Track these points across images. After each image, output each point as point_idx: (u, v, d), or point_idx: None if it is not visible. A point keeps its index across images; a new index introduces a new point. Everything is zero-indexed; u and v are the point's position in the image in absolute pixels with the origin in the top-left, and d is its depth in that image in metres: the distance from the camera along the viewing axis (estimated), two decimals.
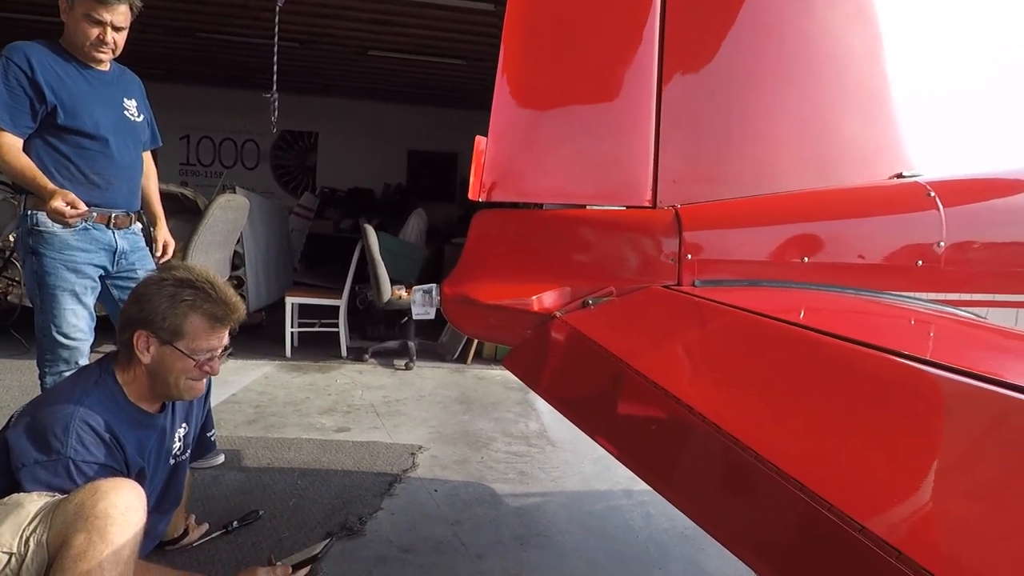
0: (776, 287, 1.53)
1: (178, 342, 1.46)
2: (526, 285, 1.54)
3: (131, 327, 1.45)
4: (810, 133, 1.71)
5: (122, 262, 2.42)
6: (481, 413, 3.80)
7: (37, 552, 1.15)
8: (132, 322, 1.45)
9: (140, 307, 1.45)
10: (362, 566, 2.09)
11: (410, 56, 6.62)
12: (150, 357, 1.45)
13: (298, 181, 9.74)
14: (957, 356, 1.07)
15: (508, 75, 1.54)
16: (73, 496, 1.19)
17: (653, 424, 1.03)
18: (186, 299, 1.46)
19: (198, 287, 1.49)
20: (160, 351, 1.45)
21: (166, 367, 1.47)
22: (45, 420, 1.33)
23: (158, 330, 1.44)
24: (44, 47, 2.25)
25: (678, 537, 2.41)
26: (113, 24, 2.23)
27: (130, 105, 2.46)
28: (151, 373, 1.47)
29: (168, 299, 1.45)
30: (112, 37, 2.25)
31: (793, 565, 0.67)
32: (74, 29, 2.23)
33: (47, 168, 2.22)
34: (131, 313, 1.46)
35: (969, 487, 0.65)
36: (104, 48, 2.27)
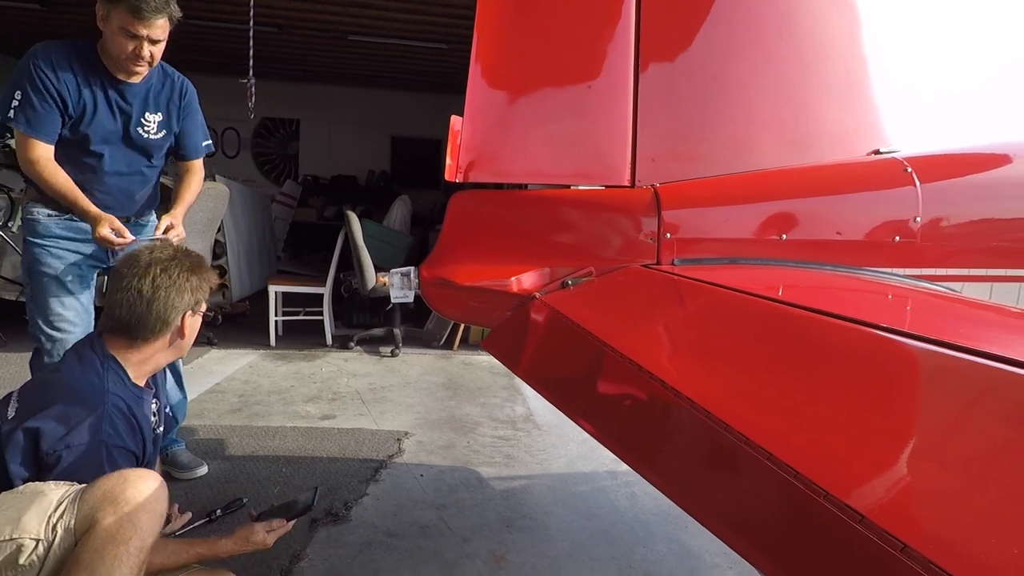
0: (755, 265, 1.54)
1: (202, 307, 1.64)
2: (505, 266, 1.54)
3: (179, 313, 1.56)
4: (788, 111, 1.71)
5: (115, 257, 2.32)
6: (467, 398, 3.80)
7: (65, 538, 1.16)
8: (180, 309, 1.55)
9: (181, 293, 1.56)
10: (348, 551, 2.09)
11: (391, 40, 6.53)
12: (189, 330, 1.60)
13: (280, 169, 9.63)
14: (933, 329, 1.08)
15: (484, 53, 1.53)
16: (100, 483, 1.21)
17: (633, 404, 1.03)
18: (201, 267, 1.63)
19: (198, 258, 1.65)
20: (193, 322, 1.61)
21: (192, 331, 1.62)
22: (74, 406, 1.35)
23: (196, 304, 1.59)
24: (72, 51, 2.16)
25: (662, 516, 2.43)
26: (150, 37, 2.11)
27: (150, 119, 2.33)
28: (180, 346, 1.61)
29: (197, 274, 1.60)
30: (149, 51, 2.14)
31: (772, 543, 0.66)
32: (110, 40, 2.12)
33: None
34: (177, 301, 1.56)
35: (942, 457, 0.66)
36: (140, 62, 2.16)
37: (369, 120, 9.46)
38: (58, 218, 2.25)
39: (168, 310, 1.54)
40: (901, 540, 0.47)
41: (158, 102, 2.35)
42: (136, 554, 1.15)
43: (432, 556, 2.10)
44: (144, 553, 1.17)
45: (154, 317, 1.52)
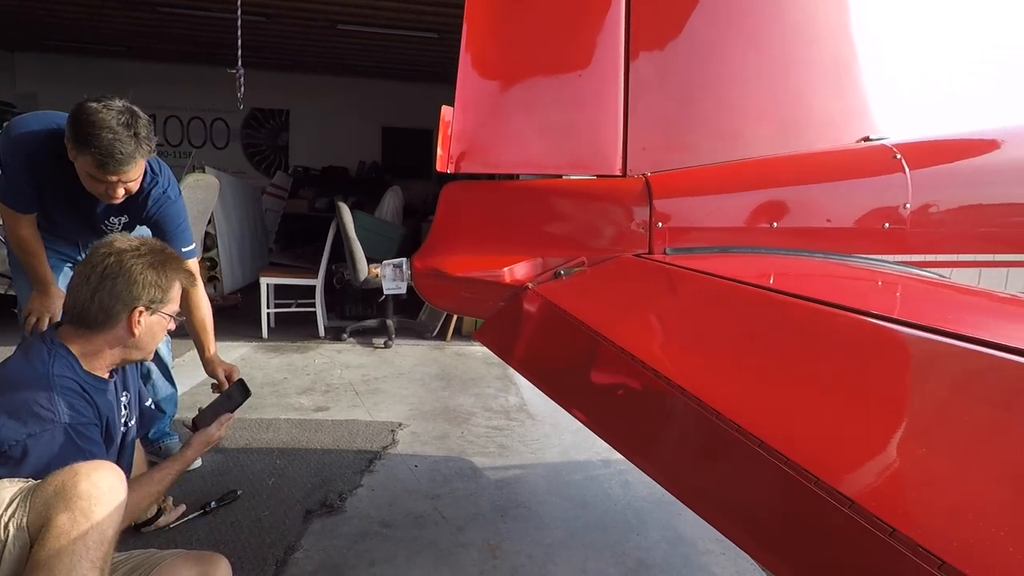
0: (746, 253, 1.54)
1: (164, 308, 1.51)
2: (497, 257, 1.53)
3: (127, 307, 1.44)
4: (778, 99, 1.71)
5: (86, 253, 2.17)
6: (461, 389, 3.81)
7: (18, 536, 1.13)
8: (127, 302, 1.44)
9: (136, 286, 1.44)
10: (343, 542, 2.10)
11: (380, 30, 6.48)
12: (140, 329, 1.47)
13: (270, 160, 9.56)
14: (923, 315, 1.08)
15: (474, 43, 1.52)
16: (51, 479, 1.17)
17: (625, 393, 1.04)
18: (169, 264, 1.51)
19: (176, 258, 1.56)
20: (150, 321, 1.49)
21: (151, 335, 1.51)
22: (21, 395, 1.30)
23: (152, 302, 1.47)
24: (49, 137, 1.92)
25: (655, 504, 2.45)
26: (122, 181, 1.85)
27: (115, 221, 2.16)
28: (133, 344, 1.49)
29: (157, 269, 1.48)
30: (122, 191, 1.88)
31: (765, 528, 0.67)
32: (81, 175, 1.87)
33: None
34: (123, 293, 1.43)
35: (931, 442, 0.66)
36: (114, 199, 1.91)
37: (360, 110, 9.39)
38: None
39: (111, 301, 1.42)
40: (890, 524, 0.47)
41: (127, 209, 2.12)
42: (96, 547, 1.12)
43: (427, 546, 2.11)
44: (105, 545, 1.14)
45: (96, 307, 1.42)
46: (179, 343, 4.46)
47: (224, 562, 1.42)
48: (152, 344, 1.53)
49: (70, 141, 1.80)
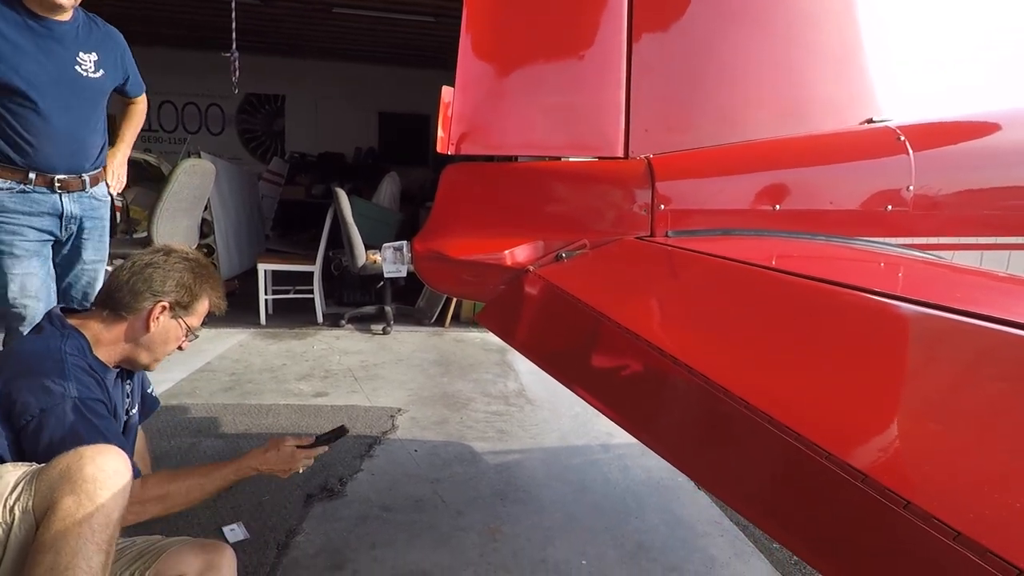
0: (748, 236, 1.54)
1: (186, 317, 1.51)
2: (498, 239, 1.52)
3: (153, 297, 1.46)
4: (782, 80, 1.70)
5: (68, 228, 2.30)
6: (460, 375, 3.81)
7: (24, 519, 1.13)
8: (155, 292, 1.46)
9: (170, 280, 1.48)
10: (344, 525, 2.11)
11: (377, 13, 6.41)
12: (157, 327, 1.47)
13: (266, 146, 9.49)
14: (925, 293, 1.08)
15: (474, 23, 1.50)
16: (56, 462, 1.16)
17: (632, 373, 1.03)
18: (208, 282, 1.53)
19: (214, 275, 1.57)
20: (167, 323, 1.49)
21: (166, 338, 1.50)
22: (35, 372, 1.32)
23: (178, 304, 1.48)
24: None
25: (653, 487, 2.46)
26: None
27: (86, 59, 2.25)
28: (145, 342, 1.48)
29: (195, 276, 1.50)
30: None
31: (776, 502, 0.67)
32: None
33: None
34: (153, 282, 1.47)
35: (939, 414, 0.66)
36: (64, 6, 2.11)
37: (356, 96, 9.32)
38: (10, 192, 2.17)
39: (143, 287, 1.45)
40: (904, 497, 0.47)
41: (89, 42, 2.26)
42: (101, 530, 1.12)
43: (427, 529, 2.12)
44: (111, 528, 1.13)
45: (127, 288, 1.45)
46: None
47: (229, 550, 1.43)
48: (161, 350, 1.52)
49: None
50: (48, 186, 2.23)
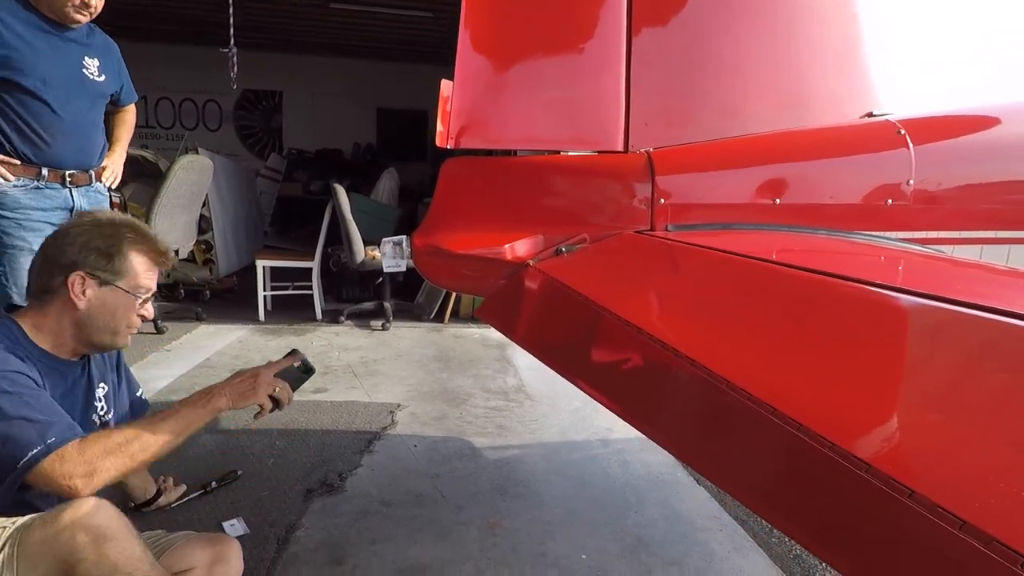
0: (748, 230, 1.53)
1: (120, 281, 1.37)
2: (498, 234, 1.52)
3: (64, 269, 1.32)
4: (781, 74, 1.69)
5: None
6: (459, 370, 3.81)
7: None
8: (63, 265, 1.33)
9: (75, 247, 1.34)
10: (344, 520, 2.11)
11: (374, 8, 6.39)
12: (86, 302, 1.34)
13: (264, 142, 9.46)
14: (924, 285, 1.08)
15: (473, 17, 1.49)
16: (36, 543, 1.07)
17: (634, 366, 1.03)
18: (127, 236, 1.38)
19: (135, 227, 1.42)
20: (100, 294, 1.35)
21: (107, 311, 1.36)
22: None
23: (97, 270, 1.34)
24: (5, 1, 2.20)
25: (653, 482, 2.47)
26: None
27: (91, 64, 2.40)
28: (83, 320, 1.35)
29: (108, 237, 1.36)
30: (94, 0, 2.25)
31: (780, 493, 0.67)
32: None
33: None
34: (59, 255, 1.34)
35: (940, 404, 0.66)
36: (85, 11, 2.26)
37: (354, 92, 9.29)
38: (24, 189, 2.25)
39: (49, 265, 1.33)
40: (908, 487, 0.47)
41: (92, 48, 2.42)
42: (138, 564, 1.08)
43: (427, 524, 2.12)
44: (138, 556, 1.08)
45: (38, 270, 1.34)
46: (177, 326, 4.45)
47: (235, 543, 1.42)
48: (114, 323, 1.38)
49: None
50: (60, 181, 2.33)
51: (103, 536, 1.06)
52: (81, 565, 1.03)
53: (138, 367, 3.65)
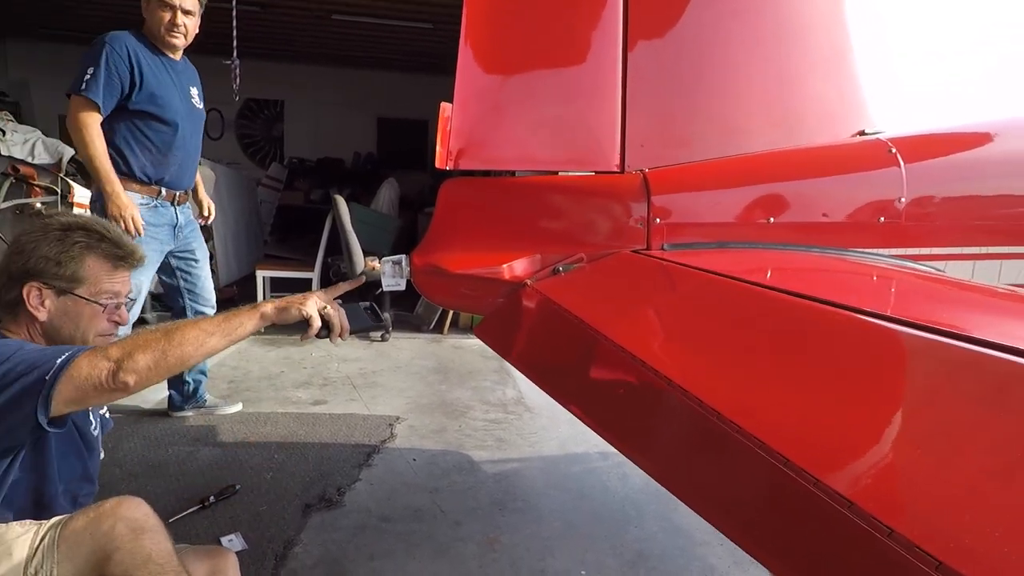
0: (743, 248, 1.55)
1: (78, 289, 1.29)
2: (496, 253, 1.54)
3: (17, 281, 1.26)
4: (776, 93, 1.71)
5: (180, 236, 2.76)
6: (458, 382, 3.82)
7: None
8: (17, 276, 1.27)
9: (24, 257, 1.27)
10: (342, 535, 2.11)
11: (375, 20, 6.43)
12: (46, 313, 1.27)
13: (265, 151, 9.50)
14: (920, 312, 1.09)
15: (472, 40, 1.51)
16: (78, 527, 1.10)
17: (623, 390, 1.05)
18: (79, 240, 1.30)
19: (90, 228, 1.33)
20: (59, 304, 1.28)
21: (71, 321, 1.30)
22: None
23: (51, 279, 1.27)
24: (135, 37, 2.55)
25: (653, 496, 2.47)
26: (182, 8, 2.53)
27: (194, 93, 2.75)
28: (49, 332, 1.29)
29: (57, 243, 1.28)
30: (182, 20, 2.55)
31: (764, 527, 0.68)
32: (151, 18, 2.55)
33: (131, 148, 2.54)
34: (11, 266, 1.28)
35: (928, 440, 0.67)
36: (176, 32, 2.56)
37: (355, 101, 9.33)
38: (147, 207, 2.58)
39: (3, 276, 1.27)
40: (888, 525, 0.48)
41: (193, 79, 2.77)
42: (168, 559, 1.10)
43: (426, 539, 2.12)
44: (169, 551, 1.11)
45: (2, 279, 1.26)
46: None
47: (232, 555, 1.42)
48: (80, 335, 1.30)
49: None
50: (171, 200, 2.69)
51: (141, 528, 1.10)
52: (117, 553, 1.07)
53: None
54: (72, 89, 2.45)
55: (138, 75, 2.49)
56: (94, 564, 1.08)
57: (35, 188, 4.12)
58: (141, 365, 1.10)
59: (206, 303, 2.99)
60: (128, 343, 1.13)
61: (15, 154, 4.22)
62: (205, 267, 2.96)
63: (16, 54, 8.61)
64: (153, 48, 2.59)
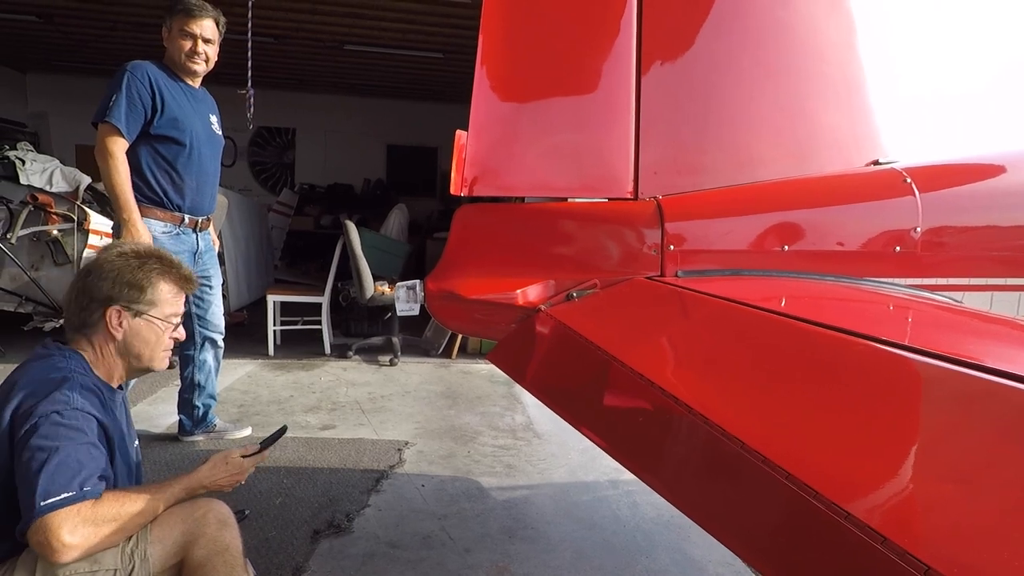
0: (757, 276, 1.55)
1: (152, 311, 1.44)
2: (510, 279, 1.54)
3: (101, 304, 1.40)
4: (788, 121, 1.73)
5: (199, 262, 2.78)
6: (467, 407, 3.80)
7: (142, 567, 1.25)
8: (100, 299, 1.40)
9: (106, 282, 1.41)
10: (350, 563, 2.09)
11: (386, 50, 6.56)
12: (123, 332, 1.42)
13: (276, 178, 9.63)
14: (936, 342, 1.09)
15: (487, 69, 1.54)
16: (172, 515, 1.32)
17: (639, 415, 1.04)
18: (155, 267, 1.45)
19: (161, 257, 1.49)
20: (134, 324, 1.42)
21: (142, 340, 1.44)
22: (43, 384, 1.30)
23: (132, 302, 1.41)
24: (156, 66, 2.63)
25: (664, 526, 2.43)
26: (202, 36, 2.63)
27: (214, 120, 2.82)
28: (122, 350, 1.44)
29: (137, 270, 1.43)
30: (203, 48, 2.65)
31: (779, 552, 0.68)
32: (172, 46, 2.65)
33: (153, 173, 2.58)
34: (94, 291, 1.41)
35: (950, 471, 0.66)
36: (197, 59, 2.65)
37: (365, 128, 9.47)
38: (169, 235, 2.63)
39: (86, 300, 1.40)
40: (924, 562, 0.47)
41: (212, 107, 2.84)
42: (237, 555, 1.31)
43: (435, 567, 2.09)
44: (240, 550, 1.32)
45: (76, 307, 1.41)
46: None
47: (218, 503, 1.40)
48: (149, 352, 1.45)
49: (166, 20, 2.63)
50: (193, 227, 2.73)
51: (225, 522, 1.33)
52: (203, 538, 1.29)
53: (148, 402, 3.66)
54: (96, 117, 2.50)
55: (159, 101, 2.55)
56: (182, 545, 1.28)
57: (52, 216, 4.18)
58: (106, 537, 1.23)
59: (215, 329, 2.99)
60: (110, 510, 1.24)
61: (34, 183, 4.29)
62: (218, 294, 2.98)
63: (36, 86, 8.82)
64: (173, 75, 2.66)
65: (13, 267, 4.21)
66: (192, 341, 2.94)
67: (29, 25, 6.20)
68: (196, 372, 2.98)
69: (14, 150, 4.57)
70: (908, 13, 2.07)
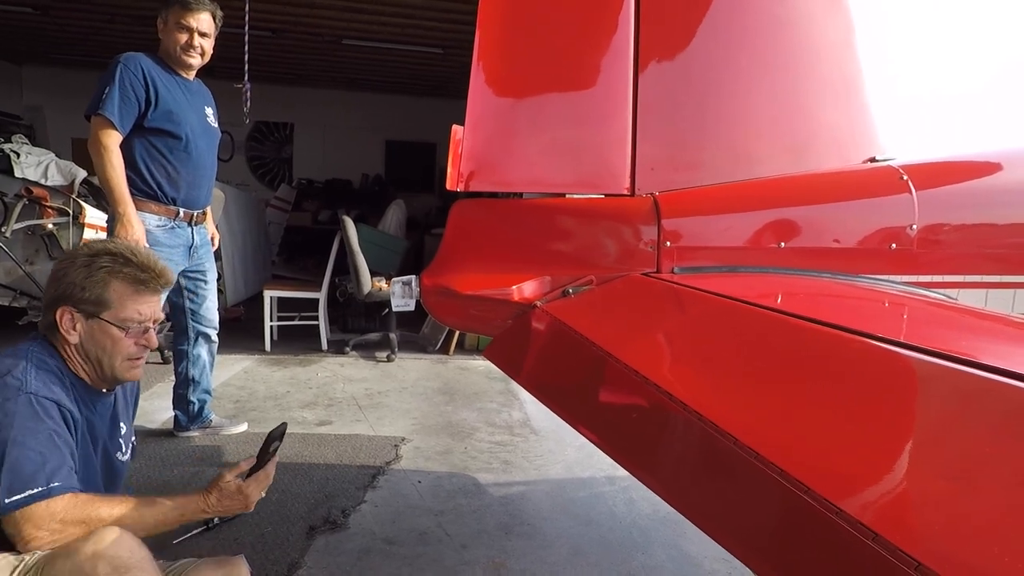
0: (754, 273, 1.55)
1: (105, 313, 1.33)
2: (506, 275, 1.54)
3: (52, 306, 1.33)
4: (785, 118, 1.72)
5: (194, 256, 2.78)
6: (464, 404, 3.80)
7: None
8: (52, 300, 1.33)
9: (57, 283, 1.33)
10: (346, 559, 2.09)
11: (385, 45, 6.53)
12: (78, 336, 1.33)
13: (274, 173, 9.60)
14: (930, 339, 1.09)
15: (484, 64, 1.53)
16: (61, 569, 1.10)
17: (633, 412, 1.04)
18: (104, 266, 1.34)
19: (115, 253, 1.37)
20: (88, 327, 1.33)
21: (98, 344, 1.34)
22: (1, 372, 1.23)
23: (79, 303, 1.32)
24: (150, 58, 2.60)
25: (660, 521, 2.44)
26: (199, 30, 2.61)
27: (209, 113, 2.79)
28: (83, 355, 1.35)
29: (84, 268, 1.33)
30: (199, 42, 2.63)
31: (771, 548, 0.68)
32: (167, 39, 2.63)
33: (148, 166, 2.57)
34: (50, 292, 1.35)
35: (942, 468, 0.66)
36: (192, 52, 2.64)
37: (363, 124, 9.45)
38: (163, 229, 2.62)
39: (46, 300, 1.36)
40: (915, 558, 0.47)
41: (208, 99, 2.81)
42: None
43: (431, 563, 2.10)
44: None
45: (43, 306, 1.38)
46: None
47: (245, 565, 1.40)
48: (108, 359, 1.34)
49: (162, 12, 2.60)
50: (188, 221, 2.71)
51: (124, 567, 1.08)
52: None
53: (143, 398, 3.64)
54: (90, 110, 2.48)
55: (153, 93, 2.53)
56: None
57: (47, 209, 4.16)
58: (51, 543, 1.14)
59: (209, 324, 2.99)
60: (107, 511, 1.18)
61: (28, 176, 4.27)
62: (212, 289, 2.97)
63: (31, 79, 8.79)
64: (167, 68, 2.64)
65: (7, 261, 4.20)
66: (185, 336, 2.93)
67: (25, 17, 6.17)
68: (190, 367, 2.97)
69: (9, 143, 4.55)
70: (906, 12, 2.07)
